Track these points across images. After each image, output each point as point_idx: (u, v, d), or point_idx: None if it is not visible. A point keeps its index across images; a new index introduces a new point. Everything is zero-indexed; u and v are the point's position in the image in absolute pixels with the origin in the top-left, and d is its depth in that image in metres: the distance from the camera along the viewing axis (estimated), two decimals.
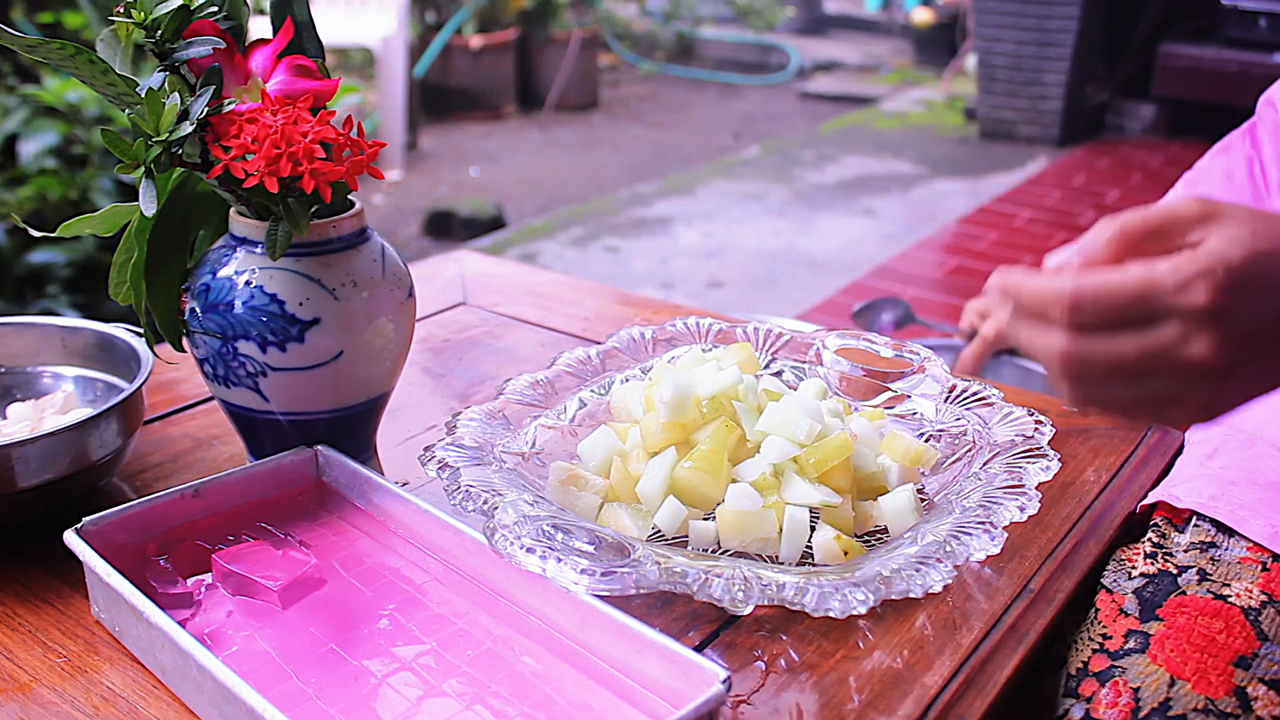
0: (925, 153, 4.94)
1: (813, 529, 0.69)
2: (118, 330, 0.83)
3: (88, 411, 0.75)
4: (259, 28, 0.71)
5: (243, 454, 0.77)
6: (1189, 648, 0.65)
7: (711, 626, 0.65)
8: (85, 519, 0.64)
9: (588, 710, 0.57)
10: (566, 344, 1.03)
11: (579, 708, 0.57)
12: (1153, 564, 0.72)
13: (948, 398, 0.82)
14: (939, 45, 6.87)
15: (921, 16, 7.10)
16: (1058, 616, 0.68)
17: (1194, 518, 0.76)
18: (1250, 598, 0.68)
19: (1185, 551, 0.73)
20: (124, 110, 0.66)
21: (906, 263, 3.58)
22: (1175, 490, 0.78)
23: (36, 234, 0.72)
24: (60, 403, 0.78)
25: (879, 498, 0.72)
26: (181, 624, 0.58)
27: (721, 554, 0.69)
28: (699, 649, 0.63)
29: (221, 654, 0.60)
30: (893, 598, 0.60)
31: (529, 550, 0.61)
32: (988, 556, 0.63)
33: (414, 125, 5.07)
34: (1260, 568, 0.71)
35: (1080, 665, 0.68)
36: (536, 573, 0.61)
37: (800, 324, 1.02)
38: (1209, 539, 0.74)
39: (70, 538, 0.63)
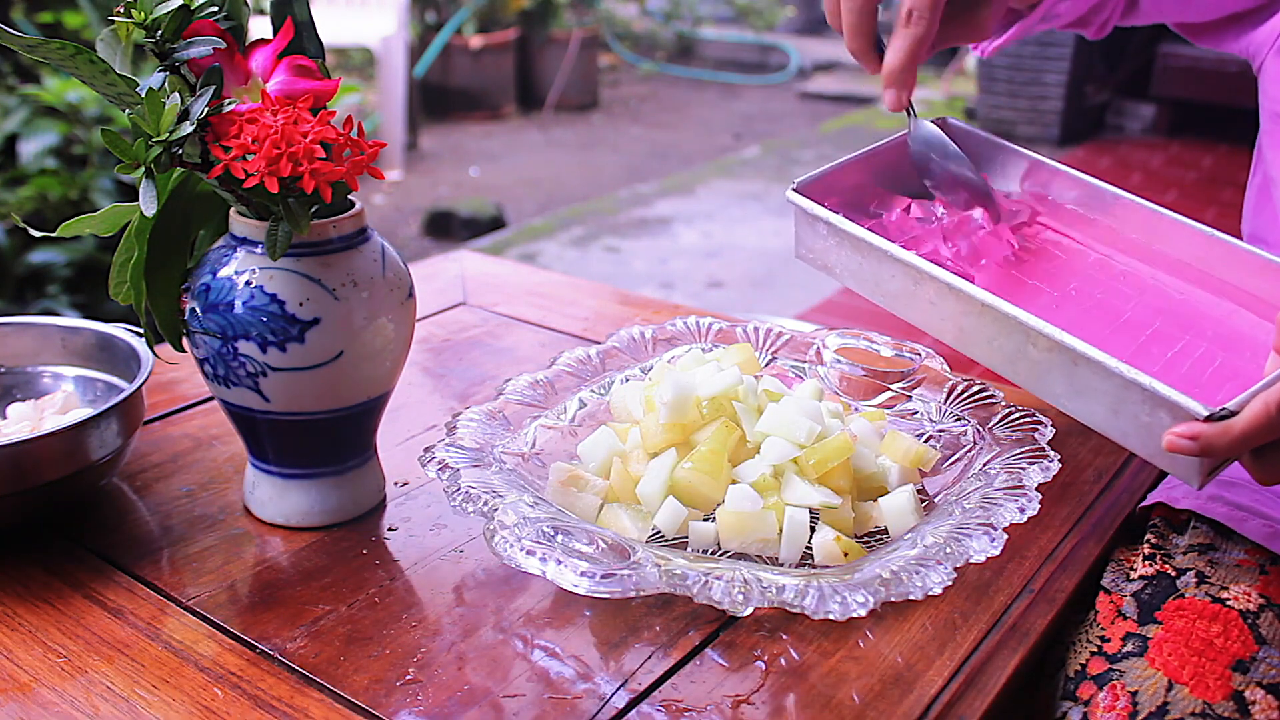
0: None
1: (813, 530, 0.69)
2: (118, 330, 0.83)
3: (88, 411, 0.75)
4: (259, 28, 0.71)
5: (242, 454, 0.77)
6: (1187, 651, 0.64)
7: (711, 626, 0.65)
8: (800, 180, 0.75)
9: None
10: (566, 344, 1.03)
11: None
12: (1151, 565, 0.72)
13: (948, 398, 0.82)
14: None
15: None
16: (1058, 617, 0.68)
17: (1192, 519, 0.76)
18: (1248, 601, 0.68)
19: (1184, 554, 0.73)
20: (124, 110, 0.66)
21: None
22: (1174, 491, 0.78)
23: (36, 234, 0.72)
24: (60, 403, 0.78)
25: (879, 499, 0.72)
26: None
27: (721, 555, 0.69)
28: (699, 649, 0.63)
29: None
30: (892, 600, 0.60)
31: (529, 553, 0.61)
32: (988, 558, 0.63)
33: (414, 125, 5.07)
34: (1258, 571, 0.71)
35: (1078, 668, 0.68)
36: (536, 574, 0.61)
37: (800, 324, 1.02)
38: (1207, 541, 0.74)
39: (791, 195, 0.75)
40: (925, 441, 0.79)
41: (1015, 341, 0.66)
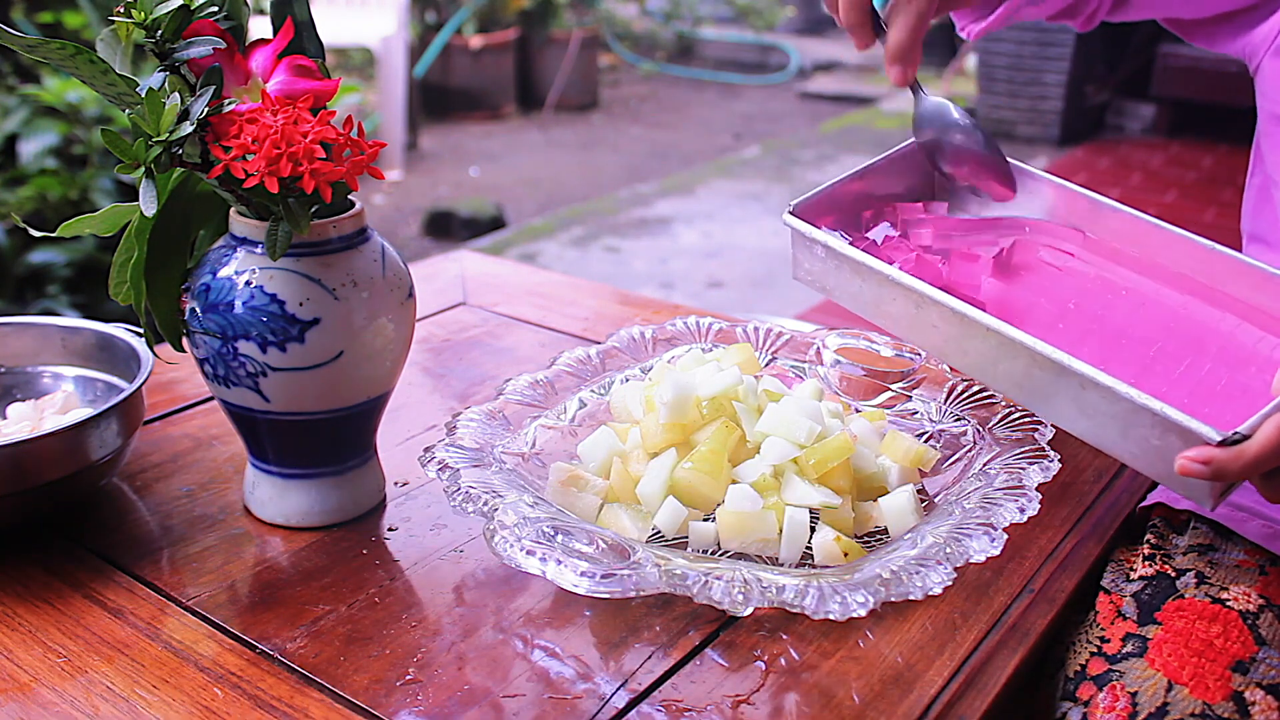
0: None
1: (813, 530, 0.69)
2: (118, 330, 0.83)
3: (88, 411, 0.75)
4: (259, 28, 0.71)
5: (242, 454, 0.77)
6: (1187, 652, 0.64)
7: (711, 626, 0.65)
8: (795, 202, 0.75)
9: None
10: (566, 344, 1.03)
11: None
12: (1151, 566, 0.72)
13: (948, 398, 0.82)
14: (939, 45, 6.86)
15: None
16: (1058, 617, 0.68)
17: (1192, 519, 0.76)
18: (1248, 602, 0.68)
19: (1184, 554, 0.73)
20: (124, 110, 0.66)
21: None
22: (1173, 492, 0.78)
23: (36, 234, 0.72)
24: (60, 403, 0.78)
25: (879, 499, 0.72)
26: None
27: (721, 555, 0.69)
28: (699, 649, 0.63)
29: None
30: (892, 600, 0.60)
31: (529, 553, 0.61)
32: (988, 558, 0.63)
33: (414, 125, 5.06)
34: (1258, 571, 0.71)
35: (1078, 668, 0.68)
36: (536, 574, 0.61)
37: (800, 324, 1.02)
38: (1207, 541, 0.74)
39: (788, 218, 0.75)
40: (925, 441, 0.79)
41: (1021, 365, 0.66)
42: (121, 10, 0.65)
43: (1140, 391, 0.61)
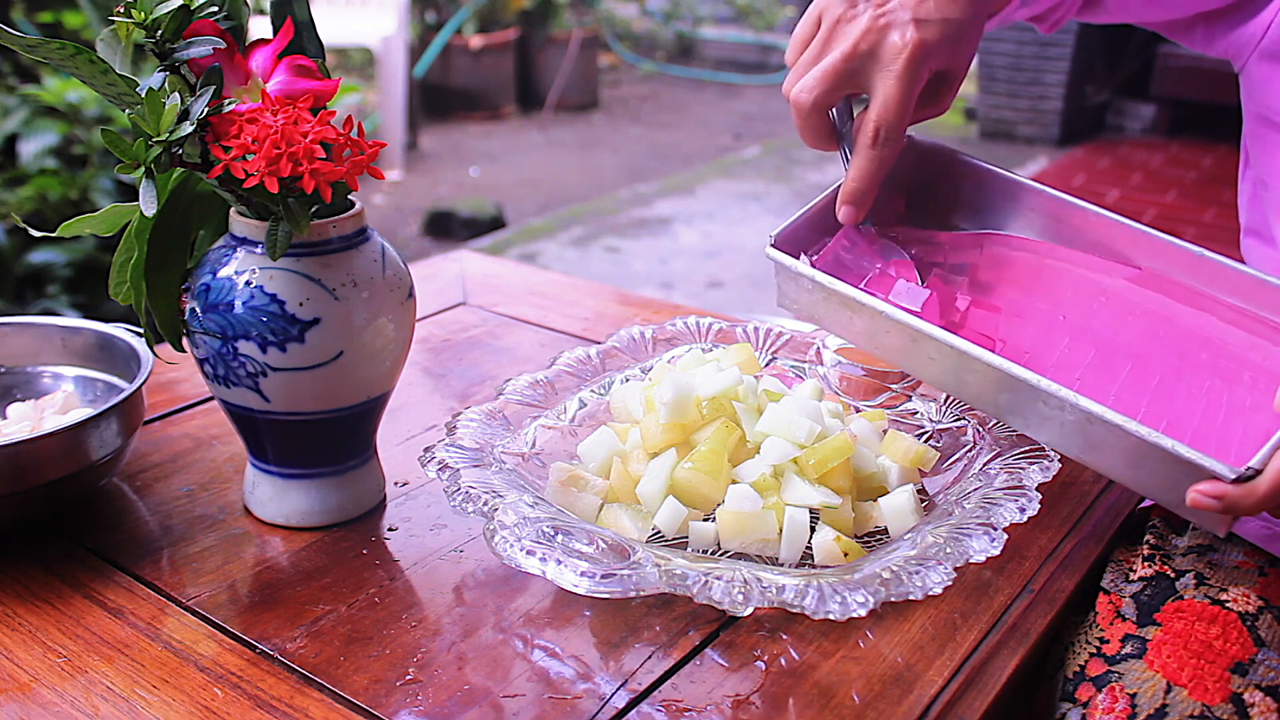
0: None
1: (813, 530, 0.69)
2: (118, 330, 0.83)
3: (88, 411, 0.75)
4: (259, 28, 0.71)
5: (242, 454, 0.77)
6: (1186, 654, 0.64)
7: (711, 626, 0.65)
8: (775, 233, 0.73)
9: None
10: (566, 344, 1.04)
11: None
12: (1150, 566, 0.72)
13: (948, 397, 0.82)
14: None
15: None
16: (1058, 617, 0.68)
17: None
18: (1248, 603, 0.68)
19: (1183, 555, 0.73)
20: (124, 110, 0.66)
21: None
22: None
23: (36, 234, 0.72)
24: (60, 403, 0.78)
25: (879, 499, 0.72)
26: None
27: (721, 555, 0.69)
28: (699, 649, 0.63)
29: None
30: (892, 600, 0.60)
31: (529, 553, 0.61)
32: (988, 558, 0.63)
33: (414, 125, 5.07)
34: (1257, 573, 0.71)
35: (1077, 669, 0.68)
36: (536, 574, 0.61)
37: (800, 324, 1.02)
38: (1206, 542, 0.74)
39: (771, 252, 0.73)
40: (925, 441, 0.79)
41: (1024, 398, 0.66)
42: (121, 10, 0.65)
43: (1150, 429, 0.60)
